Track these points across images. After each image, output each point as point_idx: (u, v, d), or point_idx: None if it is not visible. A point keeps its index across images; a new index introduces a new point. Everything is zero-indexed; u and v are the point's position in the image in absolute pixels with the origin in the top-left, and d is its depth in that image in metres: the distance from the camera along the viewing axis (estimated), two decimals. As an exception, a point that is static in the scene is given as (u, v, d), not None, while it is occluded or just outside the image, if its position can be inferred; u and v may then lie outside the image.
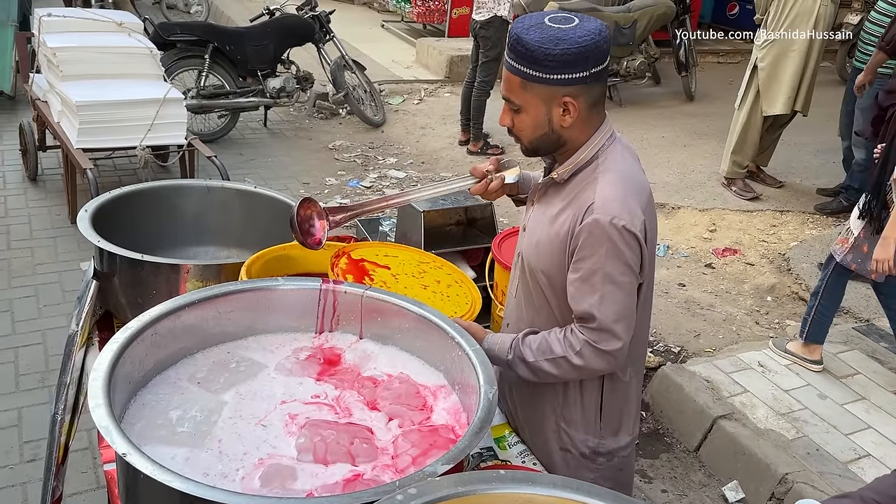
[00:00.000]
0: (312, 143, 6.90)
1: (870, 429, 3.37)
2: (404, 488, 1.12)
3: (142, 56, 5.14)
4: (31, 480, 2.91)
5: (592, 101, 1.63)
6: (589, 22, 1.58)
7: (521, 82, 1.60)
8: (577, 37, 1.54)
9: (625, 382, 1.80)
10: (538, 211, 1.77)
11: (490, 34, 6.40)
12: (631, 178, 1.66)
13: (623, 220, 1.58)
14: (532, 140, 1.68)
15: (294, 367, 1.63)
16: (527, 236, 1.79)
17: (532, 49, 1.54)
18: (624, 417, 1.84)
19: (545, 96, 1.60)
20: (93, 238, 2.06)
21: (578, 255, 1.62)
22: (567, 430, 1.81)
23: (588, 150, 1.67)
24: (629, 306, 1.64)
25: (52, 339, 3.72)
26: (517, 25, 1.60)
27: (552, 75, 1.56)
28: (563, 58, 1.54)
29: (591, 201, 1.61)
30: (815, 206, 5.83)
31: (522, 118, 1.65)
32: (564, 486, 1.18)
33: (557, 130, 1.64)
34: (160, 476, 1.12)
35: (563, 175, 1.69)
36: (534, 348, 1.70)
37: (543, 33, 1.54)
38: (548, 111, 1.62)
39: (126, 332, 1.46)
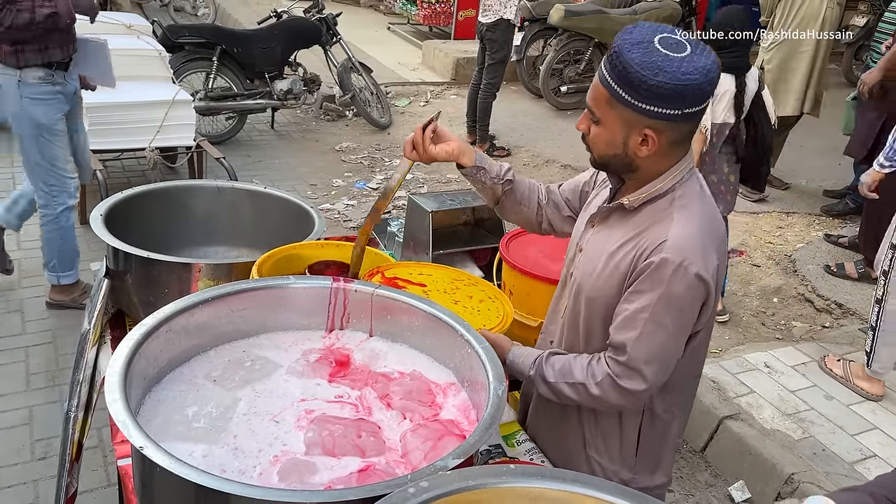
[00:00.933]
0: (319, 144, 6.93)
1: (876, 429, 3.37)
2: (416, 481, 1.14)
3: (151, 58, 5.18)
4: (43, 478, 2.94)
5: (677, 139, 1.52)
6: (701, 56, 1.44)
7: (609, 98, 1.49)
8: (681, 72, 1.40)
9: (665, 421, 1.72)
10: (599, 235, 1.66)
11: (496, 36, 6.42)
12: (709, 220, 1.56)
13: (696, 266, 1.48)
14: (603, 156, 1.59)
15: (305, 370, 1.64)
16: (583, 260, 1.69)
17: (629, 70, 1.42)
18: (663, 457, 1.77)
19: (628, 120, 1.49)
20: (106, 237, 2.08)
21: (636, 288, 1.54)
22: (599, 460, 1.75)
23: (665, 182, 1.56)
24: (667, 352, 1.56)
25: (62, 339, 3.75)
26: (622, 37, 1.46)
27: (641, 104, 1.44)
28: (658, 90, 1.41)
29: (663, 238, 1.51)
30: (821, 207, 5.83)
31: (599, 131, 1.55)
32: (574, 480, 1.20)
33: (631, 156, 1.54)
34: (177, 469, 1.14)
35: (633, 203, 1.58)
36: (556, 369, 1.65)
37: (646, 56, 1.41)
38: (626, 136, 1.51)
39: (141, 329, 1.48)
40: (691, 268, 1.48)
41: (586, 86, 8.06)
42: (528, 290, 2.30)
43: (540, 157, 6.79)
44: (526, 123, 7.64)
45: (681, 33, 1.48)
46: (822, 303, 4.47)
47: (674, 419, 1.74)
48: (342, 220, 5.44)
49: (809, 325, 4.33)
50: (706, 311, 1.57)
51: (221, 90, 6.48)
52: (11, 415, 3.25)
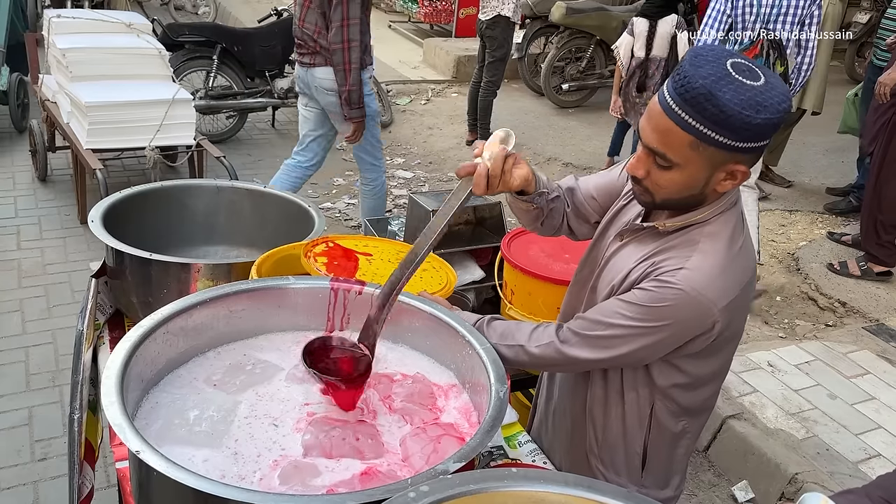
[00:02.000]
0: (320, 143, 6.90)
1: (880, 429, 3.35)
2: (416, 486, 1.12)
3: (151, 57, 5.16)
4: (42, 479, 2.93)
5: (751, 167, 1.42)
6: (775, 79, 1.34)
7: (693, 142, 1.34)
8: (776, 103, 1.31)
9: (673, 433, 1.66)
10: (626, 251, 1.58)
11: (496, 34, 6.40)
12: (738, 258, 1.47)
13: (706, 299, 1.41)
14: (669, 200, 1.46)
15: (305, 375, 1.60)
16: (607, 271, 1.61)
17: (729, 113, 1.29)
18: (672, 470, 1.72)
19: (717, 161, 1.37)
20: (104, 237, 2.07)
21: (631, 293, 1.48)
22: (604, 472, 1.71)
23: (706, 213, 1.47)
24: (631, 355, 1.50)
25: (62, 339, 3.74)
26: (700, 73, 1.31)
27: (741, 143, 1.33)
28: (761, 128, 1.31)
29: (680, 266, 1.43)
30: (824, 205, 5.81)
31: (671, 176, 1.41)
32: (577, 483, 1.18)
33: (707, 193, 1.43)
34: (173, 474, 1.13)
35: (668, 228, 1.50)
36: (498, 332, 1.63)
37: (741, 94, 1.29)
38: (709, 175, 1.40)
39: (139, 331, 1.46)
40: (699, 298, 1.41)
41: (588, 83, 8.06)
42: (530, 290, 2.29)
43: (541, 156, 6.77)
44: (527, 121, 7.62)
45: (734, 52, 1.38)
46: (825, 301, 4.45)
47: (685, 431, 1.67)
48: (343, 218, 5.43)
49: (813, 323, 4.31)
50: (703, 340, 1.48)
51: (222, 89, 6.47)
52: (11, 415, 3.24)
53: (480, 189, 1.56)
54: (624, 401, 1.65)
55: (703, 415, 1.69)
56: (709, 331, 1.46)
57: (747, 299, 1.52)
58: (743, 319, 1.57)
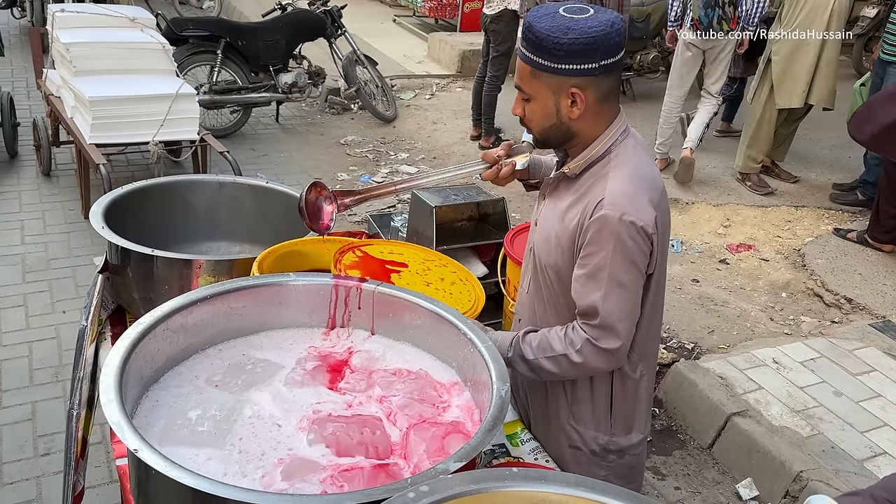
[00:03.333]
0: (324, 138, 6.90)
1: (886, 426, 3.33)
2: (416, 486, 1.11)
3: (154, 52, 5.15)
4: (46, 474, 2.93)
5: (602, 95, 1.61)
6: (603, 13, 1.56)
7: (532, 71, 1.59)
8: (588, 27, 1.52)
9: (635, 380, 1.78)
10: (549, 205, 1.75)
11: (500, 28, 6.37)
12: (643, 174, 1.64)
13: (632, 216, 1.56)
14: (541, 131, 1.68)
15: (305, 378, 1.59)
16: (538, 231, 1.77)
17: (541, 37, 1.54)
18: (635, 415, 1.82)
19: (553, 86, 1.59)
20: (104, 233, 2.06)
21: (585, 251, 1.60)
22: (577, 428, 1.80)
23: (601, 145, 1.65)
24: (633, 306, 1.63)
25: (65, 334, 3.74)
26: (531, 14, 1.59)
27: (560, 65, 1.55)
28: (571, 47, 1.52)
29: (601, 197, 1.59)
30: (830, 195, 5.79)
31: (532, 107, 1.64)
32: (578, 484, 1.17)
33: (566, 122, 1.63)
34: (171, 472, 1.12)
35: (574, 170, 1.67)
36: (534, 346, 1.69)
37: (554, 22, 1.54)
38: (556, 101, 1.61)
39: (138, 328, 1.46)
40: (628, 218, 1.55)
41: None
42: (533, 287, 2.27)
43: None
44: (532, 116, 7.59)
45: (584, 2, 1.63)
46: (831, 297, 4.43)
47: (642, 376, 1.78)
48: (346, 214, 5.42)
49: (818, 320, 4.28)
50: (651, 260, 1.63)
51: (226, 83, 6.46)
52: (14, 410, 3.24)
53: (489, 176, 1.84)
54: None
55: (653, 356, 1.83)
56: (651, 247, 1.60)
57: (667, 218, 1.68)
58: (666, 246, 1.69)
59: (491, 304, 2.76)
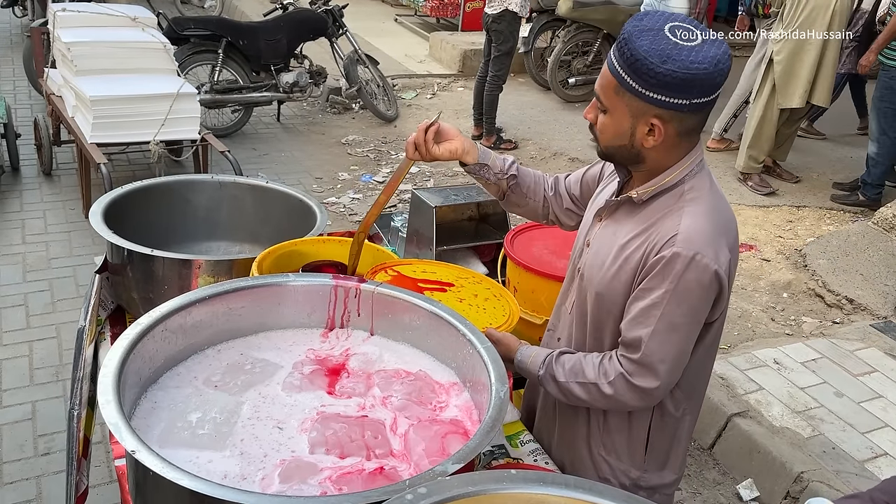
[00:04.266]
0: (325, 137, 6.89)
1: (887, 427, 3.33)
2: (414, 487, 1.11)
3: (155, 51, 5.15)
4: (46, 474, 2.93)
5: (684, 130, 1.49)
6: (711, 46, 1.40)
7: (616, 86, 1.46)
8: (691, 61, 1.37)
9: (675, 417, 1.68)
10: (607, 230, 1.63)
11: (502, 28, 6.36)
12: (721, 214, 1.53)
13: (707, 258, 1.45)
14: (608, 147, 1.56)
15: (303, 382, 1.59)
16: (591, 254, 1.65)
17: (637, 57, 1.39)
18: (672, 454, 1.74)
19: (634, 109, 1.46)
20: (104, 232, 2.06)
21: (647, 284, 1.50)
22: (608, 459, 1.72)
23: (674, 175, 1.53)
24: (680, 351, 1.53)
25: (66, 334, 3.74)
26: (632, 23, 1.44)
27: (648, 92, 1.41)
28: (664, 79, 1.38)
29: (673, 233, 1.48)
30: (831, 195, 5.79)
31: (606, 121, 1.52)
32: (576, 486, 1.17)
33: (638, 147, 1.51)
34: (168, 474, 1.12)
35: (642, 196, 1.55)
36: (566, 368, 1.63)
37: (655, 43, 1.38)
38: (633, 125, 1.48)
39: (136, 329, 1.45)
40: (702, 259, 1.45)
41: (594, 78, 7.98)
42: (533, 287, 2.27)
43: (547, 150, 6.74)
44: (533, 116, 7.59)
45: (693, 22, 1.45)
46: (832, 298, 4.42)
47: (684, 416, 1.70)
48: (347, 213, 5.41)
49: (820, 320, 4.27)
50: (719, 305, 1.54)
51: (227, 83, 6.45)
52: (15, 410, 3.24)
53: (409, 152, 1.75)
54: None
55: (699, 396, 1.74)
56: (721, 291, 1.50)
57: (736, 258, 1.57)
58: (733, 279, 1.59)
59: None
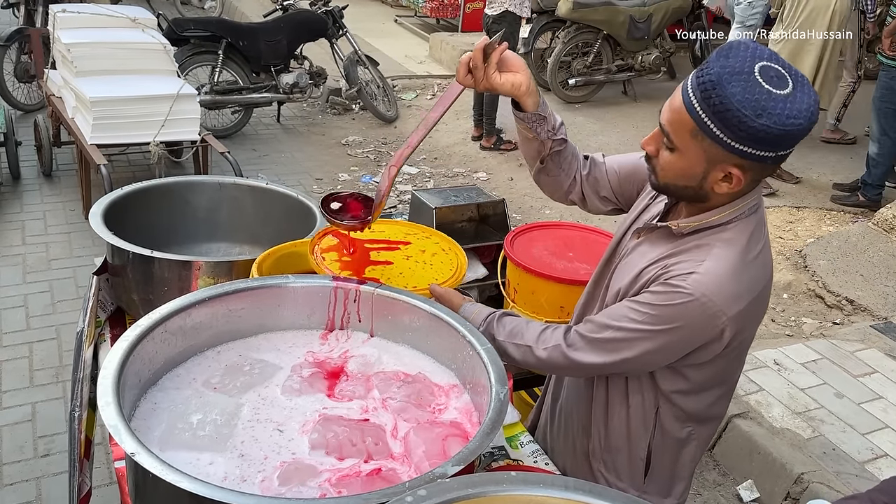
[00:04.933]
0: (325, 138, 6.89)
1: (887, 428, 3.32)
2: (414, 489, 1.10)
3: (155, 52, 5.15)
4: (45, 475, 2.93)
5: (760, 178, 1.41)
6: (803, 93, 1.29)
7: (694, 129, 1.33)
8: (786, 115, 1.26)
9: (678, 439, 1.62)
10: (640, 248, 1.56)
11: (502, 29, 6.36)
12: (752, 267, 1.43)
13: (712, 303, 1.38)
14: (671, 185, 1.45)
15: (303, 386, 1.57)
16: (621, 268, 1.60)
17: (728, 107, 1.26)
18: (676, 477, 1.68)
19: (713, 156, 1.34)
20: (104, 234, 2.06)
21: (640, 297, 1.46)
22: (606, 476, 1.69)
23: (722, 216, 1.44)
24: (637, 360, 1.48)
25: (66, 335, 3.74)
26: (719, 62, 1.30)
27: (735, 144, 1.30)
28: (758, 134, 1.27)
29: (691, 270, 1.40)
30: (831, 196, 5.79)
31: (672, 159, 1.40)
32: (577, 488, 1.16)
33: (706, 191, 1.41)
34: (168, 476, 1.11)
35: (682, 230, 1.47)
36: (507, 329, 1.63)
37: (748, 92, 1.26)
38: (706, 170, 1.37)
39: (136, 330, 1.45)
40: (708, 304, 1.38)
41: (594, 78, 8.01)
42: (533, 288, 2.26)
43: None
44: (533, 117, 7.58)
45: (780, 61, 1.33)
46: (832, 299, 4.42)
47: (689, 438, 1.63)
48: (348, 214, 5.40)
49: (820, 321, 4.27)
50: (712, 349, 1.46)
51: (227, 84, 6.46)
52: (14, 411, 3.24)
53: (460, 75, 1.56)
54: (628, 404, 1.63)
55: (710, 422, 1.65)
56: (717, 339, 1.44)
57: (760, 310, 1.49)
58: (754, 330, 1.53)
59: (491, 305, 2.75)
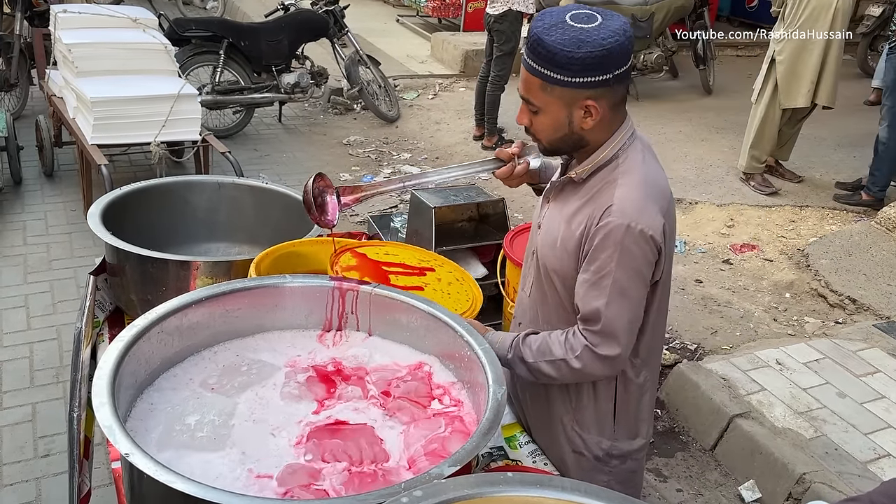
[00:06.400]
0: (327, 138, 6.89)
1: (890, 428, 3.31)
2: (410, 490, 1.10)
3: (157, 52, 5.15)
4: (45, 475, 2.93)
5: (615, 102, 1.58)
6: (612, 20, 1.52)
7: (542, 84, 1.54)
8: (601, 38, 1.48)
9: (638, 385, 1.76)
10: (554, 209, 1.72)
11: (504, 28, 6.35)
12: (652, 182, 1.61)
13: (641, 225, 1.54)
14: (551, 141, 1.64)
15: (301, 391, 1.57)
16: (542, 235, 1.75)
17: (553, 51, 1.49)
18: (639, 420, 1.81)
19: (567, 99, 1.55)
20: (102, 234, 2.06)
21: (591, 257, 1.58)
22: (580, 433, 1.79)
23: (608, 150, 1.62)
24: (635, 314, 1.61)
25: (66, 335, 3.74)
26: (536, 24, 1.54)
27: (575, 78, 1.50)
28: (585, 61, 1.48)
29: (609, 203, 1.57)
30: (833, 195, 5.77)
31: (541, 119, 1.60)
32: (574, 489, 1.16)
33: (578, 132, 1.60)
34: (162, 477, 1.11)
35: (581, 175, 1.64)
36: (534, 349, 1.68)
37: (565, 34, 1.48)
38: (569, 113, 1.57)
39: (132, 330, 1.45)
40: (637, 226, 1.54)
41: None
42: (533, 288, 2.26)
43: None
44: (535, 116, 7.58)
45: (588, 6, 1.56)
46: (835, 298, 4.40)
47: (645, 381, 1.77)
48: (348, 214, 5.41)
49: (822, 320, 4.26)
50: (659, 266, 1.62)
51: (228, 84, 6.45)
52: (15, 411, 3.24)
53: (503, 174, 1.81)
54: None
55: (657, 358, 1.82)
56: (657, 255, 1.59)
57: (674, 226, 1.67)
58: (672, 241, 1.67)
59: (491, 305, 2.75)
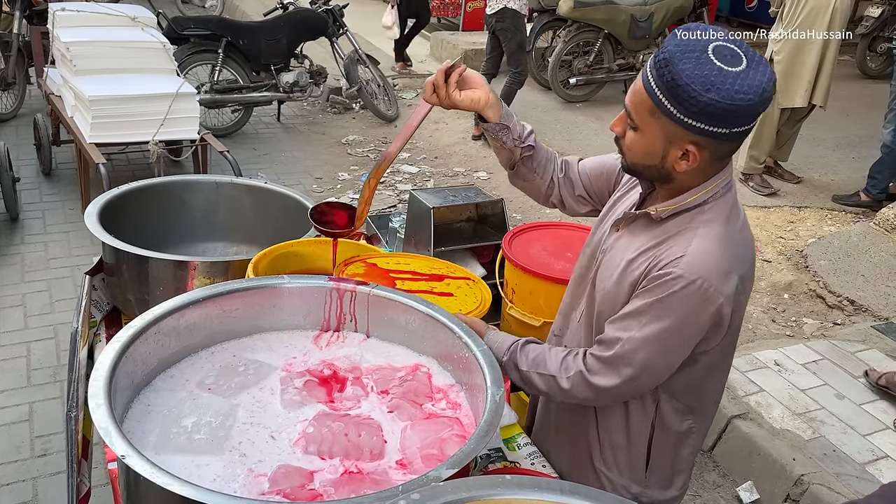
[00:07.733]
0: (325, 137, 6.88)
1: (888, 429, 3.31)
2: (407, 493, 1.09)
3: (155, 51, 5.14)
4: (42, 475, 2.92)
5: (719, 156, 1.44)
6: (756, 71, 1.34)
7: (652, 107, 1.39)
8: (734, 90, 1.31)
9: (678, 433, 1.64)
10: (622, 240, 1.59)
11: (506, 25, 6.38)
12: (736, 240, 1.47)
13: (709, 285, 1.41)
14: (637, 164, 1.51)
15: (301, 396, 1.55)
16: (606, 264, 1.61)
17: (677, 82, 1.32)
18: (676, 470, 1.70)
19: (669, 133, 1.40)
20: (99, 233, 2.05)
21: (642, 295, 1.47)
22: (607, 474, 1.70)
23: (697, 197, 1.48)
24: (652, 363, 1.49)
25: (64, 335, 3.73)
26: (674, 41, 1.37)
27: (687, 119, 1.35)
28: (707, 108, 1.32)
29: (681, 253, 1.43)
30: (833, 196, 5.77)
31: (636, 139, 1.47)
32: (572, 491, 1.15)
33: (668, 169, 1.46)
34: (158, 478, 1.10)
35: (660, 213, 1.51)
36: (530, 358, 1.63)
37: (698, 68, 1.31)
38: (665, 148, 1.43)
39: (129, 331, 1.44)
40: (704, 287, 1.41)
41: (595, 78, 7.99)
42: (531, 289, 2.25)
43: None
44: (534, 116, 7.57)
45: (737, 42, 1.37)
46: (833, 299, 4.40)
47: (689, 432, 1.65)
48: (347, 213, 5.39)
49: (821, 321, 4.26)
50: (718, 334, 1.49)
51: (227, 83, 6.45)
52: (11, 411, 3.23)
53: (426, 94, 1.68)
54: (628, 399, 1.62)
55: (708, 413, 1.68)
56: (719, 322, 1.46)
57: (749, 288, 1.53)
58: (744, 311, 1.55)
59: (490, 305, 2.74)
